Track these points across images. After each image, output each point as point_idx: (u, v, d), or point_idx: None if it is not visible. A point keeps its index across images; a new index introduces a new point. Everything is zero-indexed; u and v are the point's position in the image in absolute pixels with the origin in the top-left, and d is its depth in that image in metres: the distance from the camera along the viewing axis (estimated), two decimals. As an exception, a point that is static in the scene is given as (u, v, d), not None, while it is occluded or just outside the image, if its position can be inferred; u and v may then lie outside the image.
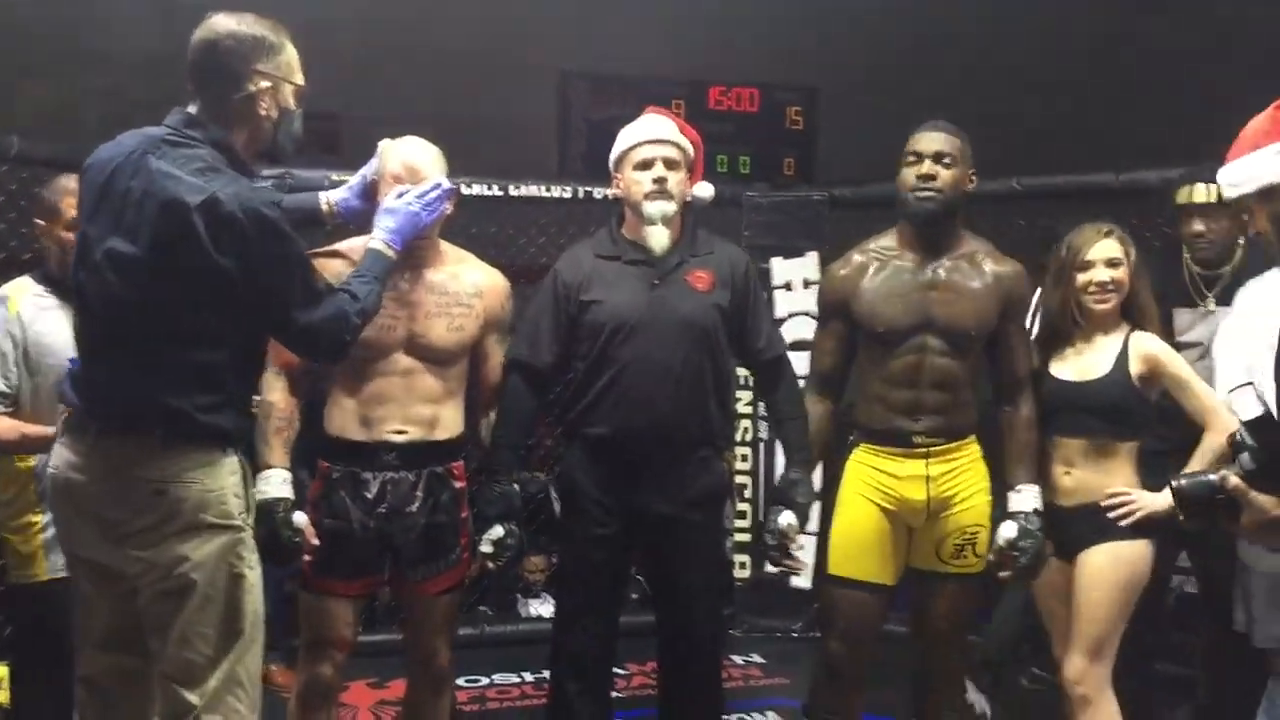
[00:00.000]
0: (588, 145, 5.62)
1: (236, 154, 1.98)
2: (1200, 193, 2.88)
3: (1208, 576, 3.03)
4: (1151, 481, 2.51)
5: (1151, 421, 2.57)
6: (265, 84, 1.99)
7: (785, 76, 5.98)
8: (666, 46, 5.75)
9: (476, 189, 4.02)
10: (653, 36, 5.70)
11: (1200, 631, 3.16)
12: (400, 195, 2.30)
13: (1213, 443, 2.42)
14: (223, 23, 1.98)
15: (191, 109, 1.98)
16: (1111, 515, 2.48)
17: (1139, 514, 2.47)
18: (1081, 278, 2.53)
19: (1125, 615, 2.50)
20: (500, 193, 4.09)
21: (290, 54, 2.03)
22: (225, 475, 1.95)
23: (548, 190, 4.12)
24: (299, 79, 2.05)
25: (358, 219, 2.43)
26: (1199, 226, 2.90)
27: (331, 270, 2.24)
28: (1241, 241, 2.92)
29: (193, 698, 1.93)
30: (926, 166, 2.49)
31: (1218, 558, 2.92)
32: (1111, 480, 2.51)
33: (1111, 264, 2.52)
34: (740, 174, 5.66)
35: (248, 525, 2.01)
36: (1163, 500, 2.41)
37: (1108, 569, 2.49)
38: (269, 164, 2.32)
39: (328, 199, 2.46)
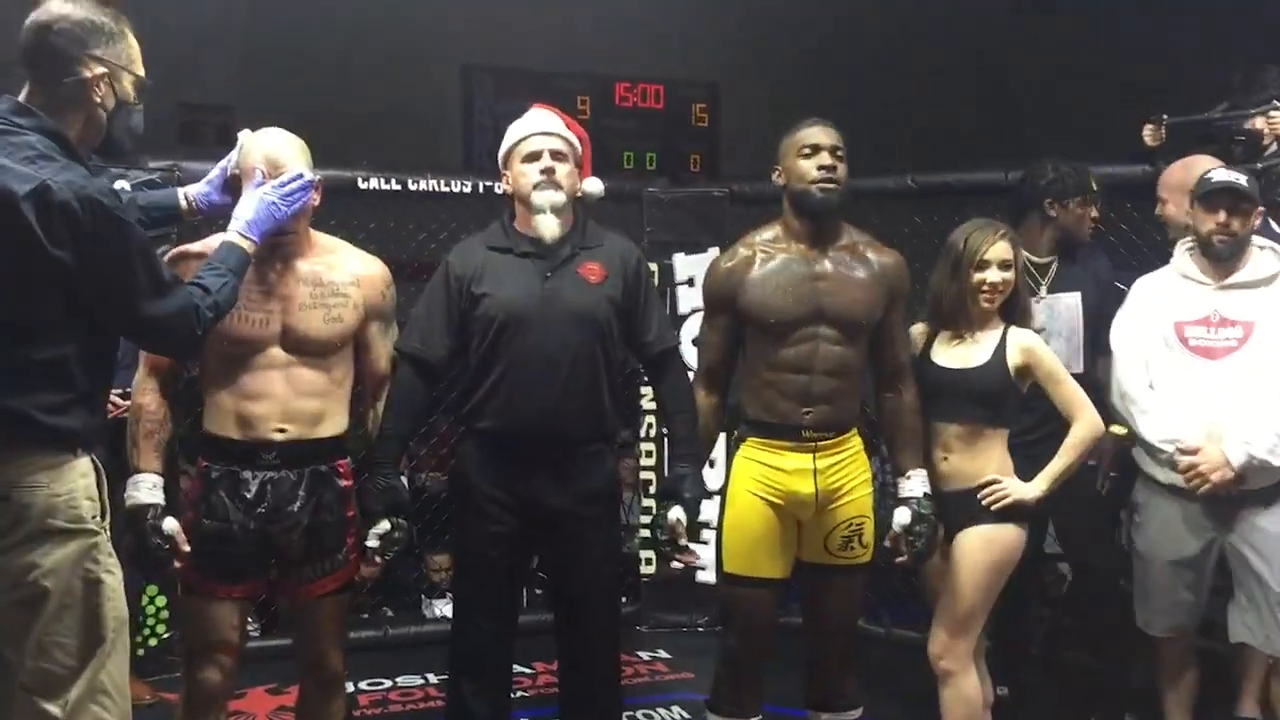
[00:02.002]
0: (495, 141, 5.60)
1: (69, 142, 1.89)
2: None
3: (1080, 560, 3.12)
4: (1025, 469, 2.61)
5: (1019, 411, 2.66)
6: (100, 70, 1.91)
7: (690, 73, 6.01)
8: (573, 41, 5.73)
9: (374, 183, 3.94)
10: (559, 32, 5.68)
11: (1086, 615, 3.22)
12: (259, 187, 2.24)
13: (1079, 434, 2.56)
14: (57, 6, 1.90)
15: (21, 96, 1.90)
16: (984, 501, 2.56)
17: (1008, 500, 2.56)
18: (977, 276, 2.59)
19: (992, 596, 2.60)
20: (399, 187, 4.01)
21: (131, 44, 1.96)
22: (75, 478, 1.87)
23: (447, 185, 4.05)
24: (140, 70, 1.98)
25: (219, 213, 2.35)
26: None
27: (195, 269, 2.16)
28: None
29: (54, 709, 1.85)
30: (826, 159, 2.50)
31: (1093, 543, 3.02)
32: (984, 465, 2.60)
33: (1004, 266, 2.60)
34: (647, 169, 5.66)
35: (103, 529, 1.93)
36: (1031, 489, 2.56)
37: (979, 551, 2.57)
38: (106, 158, 2.23)
39: (186, 194, 2.39)
